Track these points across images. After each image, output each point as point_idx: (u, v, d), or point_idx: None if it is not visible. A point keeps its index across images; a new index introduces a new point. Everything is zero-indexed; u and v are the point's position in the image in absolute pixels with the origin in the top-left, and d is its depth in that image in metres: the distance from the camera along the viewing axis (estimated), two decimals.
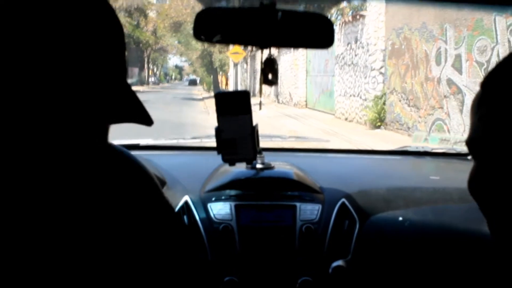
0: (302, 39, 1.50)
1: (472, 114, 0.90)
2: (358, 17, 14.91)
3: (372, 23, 14.29)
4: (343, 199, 1.80)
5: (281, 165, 1.96)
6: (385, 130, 13.66)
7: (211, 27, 1.47)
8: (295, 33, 1.47)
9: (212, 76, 38.59)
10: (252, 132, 1.64)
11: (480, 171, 0.85)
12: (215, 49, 34.04)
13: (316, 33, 1.47)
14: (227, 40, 1.60)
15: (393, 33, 13.42)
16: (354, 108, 15.78)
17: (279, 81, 1.61)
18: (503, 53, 8.90)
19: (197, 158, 2.36)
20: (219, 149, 1.66)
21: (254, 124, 1.65)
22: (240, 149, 1.65)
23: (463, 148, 2.50)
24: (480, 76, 9.53)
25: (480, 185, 0.86)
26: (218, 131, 1.64)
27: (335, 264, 1.68)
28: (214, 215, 1.74)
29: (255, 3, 1.41)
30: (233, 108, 1.62)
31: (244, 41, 1.57)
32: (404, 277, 1.76)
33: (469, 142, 0.88)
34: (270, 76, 1.53)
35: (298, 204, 1.78)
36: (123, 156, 0.88)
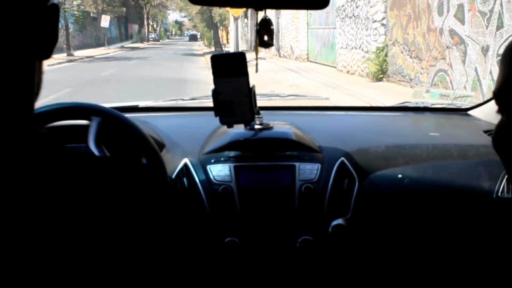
0: (297, 0, 1.48)
1: (503, 64, 0.89)
2: None
3: None
4: (342, 158, 1.80)
5: (280, 125, 1.96)
6: (387, 82, 13.60)
7: None
8: None
9: (212, 31, 38.27)
10: (249, 94, 1.64)
11: (509, 124, 0.84)
12: None
13: None
14: (222, 2, 1.59)
15: None
16: (356, 61, 15.69)
17: (280, 34, 1.60)
18: (506, 2, 8.78)
19: (196, 119, 2.36)
20: (216, 111, 1.66)
21: (251, 85, 1.65)
22: (237, 111, 1.65)
23: (463, 103, 2.50)
24: (483, 26, 9.43)
25: (508, 139, 0.85)
26: (215, 94, 1.64)
27: (334, 222, 1.69)
28: (213, 176, 1.74)
29: None
30: (230, 70, 1.61)
31: (238, 3, 1.55)
32: (403, 234, 1.78)
33: (498, 93, 0.87)
34: (266, 38, 1.52)
35: (297, 164, 1.78)
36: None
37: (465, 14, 10.06)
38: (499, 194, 1.77)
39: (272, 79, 14.18)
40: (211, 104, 1.69)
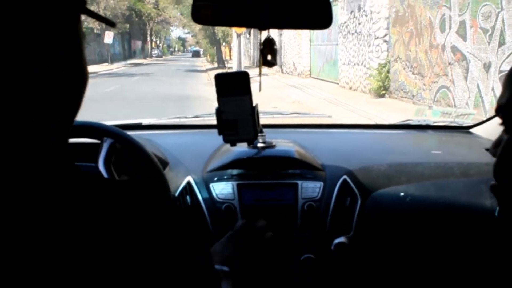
0: (300, 20, 1.50)
1: (506, 83, 0.93)
2: None
3: None
4: (345, 176, 1.81)
5: (283, 143, 1.97)
6: (390, 98, 13.63)
7: (209, 10, 1.47)
8: (293, 14, 1.47)
9: (215, 48, 38.40)
10: (253, 113, 1.65)
11: None
12: None
13: (314, 14, 1.46)
14: (225, 22, 1.60)
15: (397, 1, 13.31)
16: (358, 77, 15.73)
17: (282, 50, 1.61)
18: (507, 19, 8.82)
19: (199, 137, 2.37)
20: (220, 130, 1.67)
21: (254, 104, 1.66)
22: (241, 130, 1.66)
23: (465, 121, 2.50)
24: (485, 42, 9.47)
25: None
26: (219, 112, 1.64)
27: (337, 241, 1.70)
28: (216, 195, 1.75)
29: None
30: (233, 89, 1.62)
31: (242, 23, 1.56)
32: (406, 253, 1.78)
33: (503, 112, 0.92)
34: (269, 57, 1.53)
35: (299, 182, 1.78)
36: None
37: (467, 31, 10.11)
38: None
39: (275, 95, 14.21)
40: (214, 122, 1.70)
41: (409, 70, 12.76)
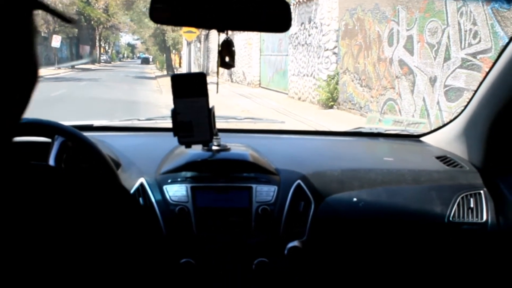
0: (259, 23, 1.50)
1: None
2: None
3: (325, 4, 14.33)
4: (299, 181, 1.82)
5: (237, 147, 1.97)
6: (338, 109, 13.79)
7: (167, 9, 1.46)
8: (252, 16, 1.47)
9: (165, 55, 38.17)
10: (209, 115, 1.64)
11: None
12: (168, 27, 33.63)
13: (273, 17, 1.47)
14: (183, 22, 1.59)
15: (347, 14, 13.50)
16: (307, 88, 15.86)
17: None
18: (453, 35, 9.05)
19: (152, 139, 2.34)
20: (175, 131, 1.65)
21: (210, 106, 1.65)
22: (196, 132, 1.65)
23: (416, 130, 2.55)
24: (431, 57, 9.69)
25: None
26: (174, 114, 1.63)
27: (290, 245, 1.70)
28: (170, 197, 1.73)
29: None
30: (190, 91, 1.61)
31: (200, 24, 1.56)
32: (359, 257, 1.80)
33: None
34: (227, 59, 1.53)
35: (254, 186, 1.78)
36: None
37: (414, 45, 10.32)
38: (451, 219, 1.82)
39: (224, 104, 14.19)
40: (167, 125, 1.69)
41: (357, 82, 12.94)
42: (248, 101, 16.22)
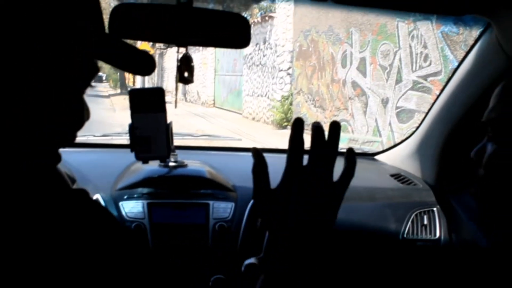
0: (218, 38, 1.50)
1: (496, 100, 1.11)
2: (267, 18, 15.06)
3: (280, 25, 14.46)
4: None
5: (194, 163, 1.96)
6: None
7: (127, 23, 1.45)
8: (212, 31, 1.47)
9: (118, 73, 37.85)
10: (167, 130, 1.63)
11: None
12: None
13: (233, 33, 1.48)
14: (142, 37, 1.58)
15: (301, 35, 13.65)
16: (261, 108, 15.92)
17: None
18: (404, 58, 9.24)
19: (108, 155, 2.31)
20: (132, 146, 1.64)
21: (168, 121, 1.64)
22: (154, 147, 1.63)
23: (371, 148, 2.58)
24: (383, 79, 9.86)
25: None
26: (132, 129, 1.62)
27: (247, 262, 1.69)
28: (126, 213, 1.71)
29: (172, 1, 1.41)
30: (148, 105, 1.60)
31: (160, 39, 1.55)
32: (316, 274, 1.80)
33: (491, 122, 1.09)
34: (186, 74, 1.52)
35: (211, 202, 1.78)
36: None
37: (367, 67, 10.50)
38: (405, 235, 1.84)
39: (178, 123, 14.04)
40: (123, 141, 1.67)
41: (311, 103, 13.06)
42: (202, 121, 16.18)
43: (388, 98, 9.74)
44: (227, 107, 19.81)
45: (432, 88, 8.51)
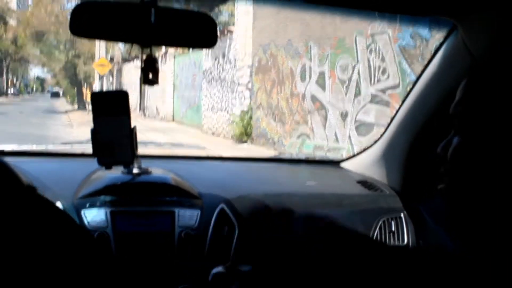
0: (184, 38, 1.47)
1: (463, 93, 1.13)
2: (226, 32, 15.08)
3: (239, 39, 14.50)
4: (222, 205, 1.78)
5: (158, 171, 1.91)
6: (252, 144, 13.86)
7: (89, 22, 1.40)
8: (178, 31, 1.44)
9: (76, 89, 37.45)
10: (131, 134, 1.58)
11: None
12: (80, 60, 33.11)
13: (199, 32, 1.44)
14: (104, 36, 1.54)
15: (260, 50, 13.70)
16: (221, 123, 15.90)
17: (146, 95, 1.56)
18: (363, 71, 9.34)
19: (68, 164, 2.24)
20: (95, 151, 1.58)
21: (132, 126, 1.59)
22: (117, 152, 1.58)
23: (336, 155, 2.57)
24: (342, 92, 9.94)
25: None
26: (94, 133, 1.56)
27: (215, 270, 1.65)
28: (88, 222, 1.65)
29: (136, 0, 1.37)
30: (111, 109, 1.55)
31: (123, 38, 1.51)
32: (284, 281, 1.77)
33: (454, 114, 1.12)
34: (150, 76, 1.48)
35: (176, 210, 1.73)
36: None
37: (326, 81, 10.58)
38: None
39: (138, 139, 14.01)
40: (83, 151, 1.62)
41: (270, 117, 13.08)
42: (162, 136, 16.07)
43: (347, 112, 9.82)
44: (187, 122, 19.74)
45: (390, 101, 8.61)
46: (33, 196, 1.33)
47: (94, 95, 1.55)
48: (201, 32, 1.43)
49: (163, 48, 21.34)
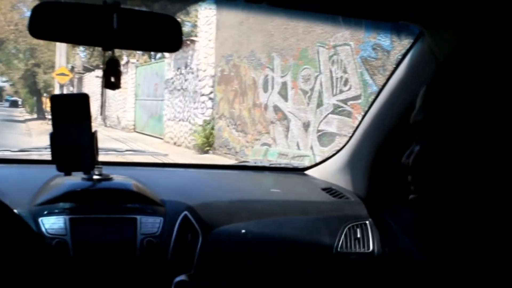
0: (148, 41, 1.43)
1: (423, 102, 1.13)
2: (188, 42, 15.01)
3: (202, 49, 14.46)
4: (186, 212, 1.74)
5: (120, 177, 1.86)
6: (214, 154, 13.82)
7: (49, 23, 1.35)
8: (141, 34, 1.40)
9: (35, 98, 36.86)
10: (91, 139, 1.53)
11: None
12: (40, 69, 32.60)
13: (163, 36, 1.41)
14: (64, 38, 1.49)
15: (223, 60, 13.68)
16: (183, 133, 15.81)
17: (106, 104, 1.52)
18: (325, 82, 9.39)
19: (26, 170, 2.16)
20: (54, 157, 1.52)
21: (93, 130, 1.54)
22: (77, 157, 1.53)
23: (300, 163, 2.56)
24: (304, 103, 9.97)
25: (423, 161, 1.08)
26: (54, 138, 1.50)
27: (178, 279, 1.61)
28: (46, 229, 1.60)
29: (99, 1, 1.33)
30: (71, 113, 1.50)
31: (84, 41, 1.47)
32: None
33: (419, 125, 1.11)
34: (112, 79, 1.43)
35: (138, 217, 1.69)
36: None
37: (289, 92, 10.60)
38: (339, 249, 1.81)
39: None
40: (42, 157, 1.56)
41: (233, 127, 13.06)
42: (123, 146, 15.91)
43: (310, 122, 9.85)
44: (148, 132, 19.59)
45: (352, 112, 8.65)
46: None
47: (54, 98, 1.50)
48: (165, 35, 1.40)
49: (125, 58, 21.19)
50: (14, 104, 64.87)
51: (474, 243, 1.15)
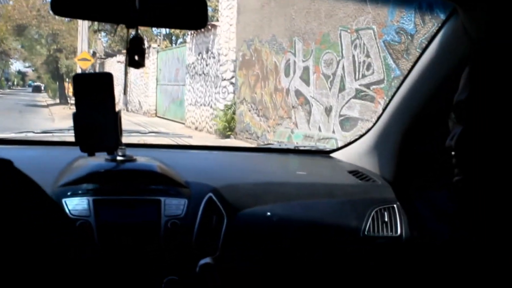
0: (172, 19, 1.39)
1: (466, 82, 1.11)
2: (209, 27, 14.98)
3: (223, 34, 14.43)
4: (210, 194, 1.71)
5: (144, 158, 1.84)
6: (235, 139, 13.81)
7: (70, 1, 1.32)
8: (165, 11, 1.36)
9: (58, 83, 37.10)
10: (115, 119, 1.50)
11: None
12: (62, 55, 32.76)
13: (187, 13, 1.37)
14: (88, 16, 1.46)
15: (244, 45, 13.63)
16: (204, 118, 15.83)
17: (128, 89, 1.49)
18: (347, 66, 9.31)
19: (49, 152, 2.15)
20: (77, 137, 1.50)
21: (117, 109, 1.52)
22: (101, 138, 1.50)
23: (325, 146, 2.52)
24: (327, 87, 9.91)
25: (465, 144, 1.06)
26: (77, 117, 1.48)
27: (202, 261, 1.59)
28: (70, 210, 1.58)
29: None
30: (94, 92, 1.47)
31: (108, 18, 1.43)
32: (274, 272, 1.71)
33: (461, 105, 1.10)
34: (136, 57, 1.40)
35: (162, 199, 1.66)
36: None
37: (310, 76, 10.53)
38: (366, 233, 1.77)
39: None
40: (64, 138, 1.53)
41: (254, 112, 13.03)
42: (144, 131, 15.98)
43: (332, 107, 9.79)
44: (170, 117, 19.64)
45: (375, 96, 8.58)
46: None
47: (77, 77, 1.47)
48: (190, 12, 1.36)
49: (146, 43, 21.19)
50: (37, 89, 65.41)
51: (507, 229, 1.12)
